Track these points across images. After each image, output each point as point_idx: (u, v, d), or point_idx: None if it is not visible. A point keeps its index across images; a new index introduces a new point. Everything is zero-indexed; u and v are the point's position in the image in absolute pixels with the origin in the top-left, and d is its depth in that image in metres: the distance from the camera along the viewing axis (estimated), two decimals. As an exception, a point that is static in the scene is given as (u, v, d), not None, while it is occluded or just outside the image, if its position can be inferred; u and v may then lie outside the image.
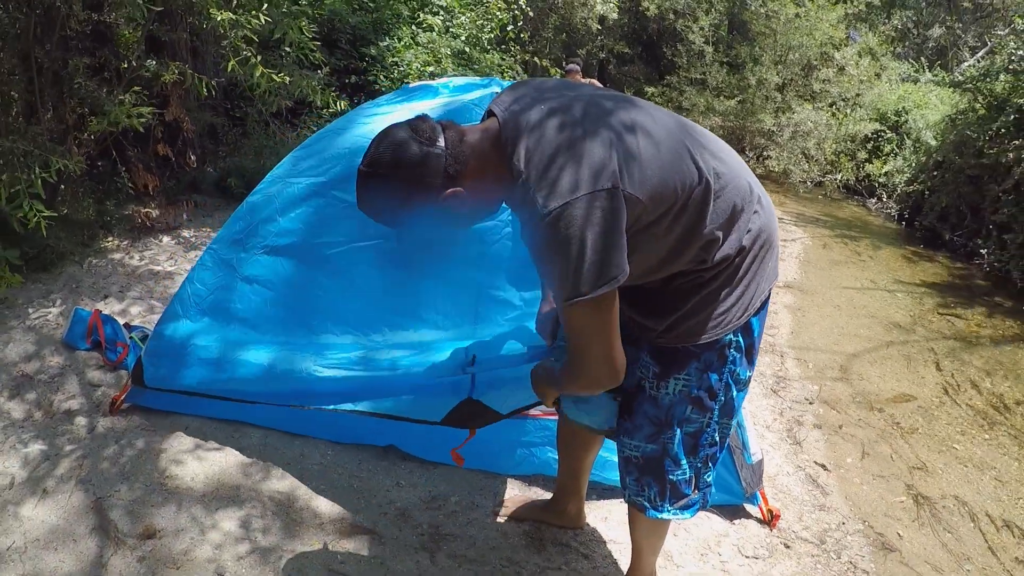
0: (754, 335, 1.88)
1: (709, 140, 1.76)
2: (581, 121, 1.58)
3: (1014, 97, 8.54)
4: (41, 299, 3.89)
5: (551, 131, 1.56)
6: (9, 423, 2.89)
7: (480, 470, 2.93)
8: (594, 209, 1.47)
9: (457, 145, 1.60)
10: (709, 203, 1.65)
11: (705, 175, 1.63)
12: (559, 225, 1.47)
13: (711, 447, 1.96)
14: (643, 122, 1.63)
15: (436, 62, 8.47)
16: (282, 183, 2.82)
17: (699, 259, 1.71)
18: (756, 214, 1.76)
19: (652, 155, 1.58)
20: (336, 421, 2.90)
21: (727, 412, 1.93)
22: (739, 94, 14.18)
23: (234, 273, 2.82)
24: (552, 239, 1.50)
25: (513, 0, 10.16)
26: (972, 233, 9.08)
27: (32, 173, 3.46)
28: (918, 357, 5.67)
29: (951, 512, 3.50)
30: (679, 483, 1.96)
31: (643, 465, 1.98)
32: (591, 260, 1.48)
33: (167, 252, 4.72)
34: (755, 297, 1.81)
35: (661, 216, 1.60)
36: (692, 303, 1.77)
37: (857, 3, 14.68)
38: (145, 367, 2.86)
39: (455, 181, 1.59)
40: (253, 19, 4.09)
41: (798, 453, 3.77)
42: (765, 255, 1.81)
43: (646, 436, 1.94)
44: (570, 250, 1.48)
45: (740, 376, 1.91)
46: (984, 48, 15.66)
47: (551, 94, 1.67)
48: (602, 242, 1.48)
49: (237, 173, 5.82)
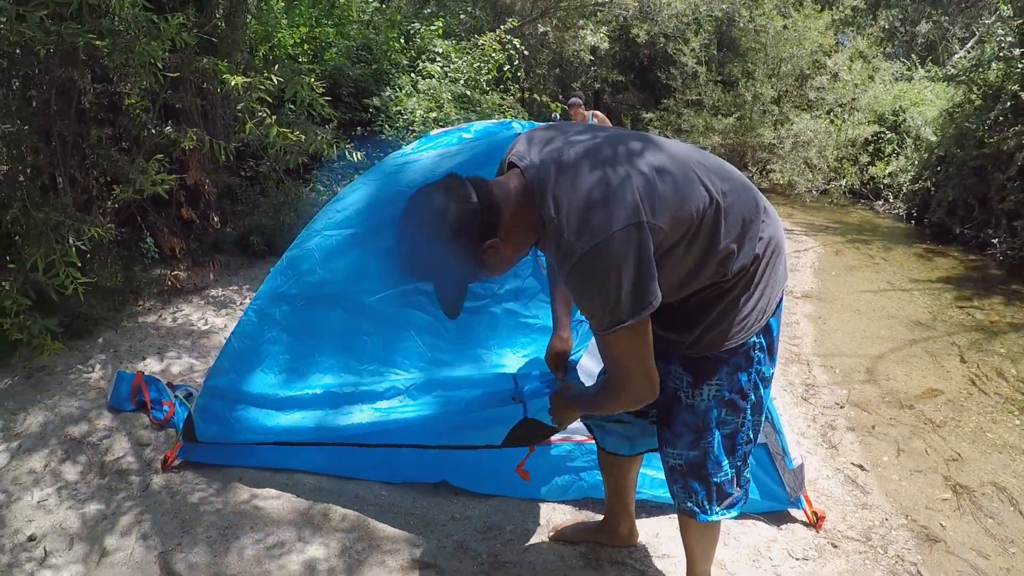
0: (773, 334, 2.00)
1: (714, 163, 1.87)
2: (600, 163, 1.69)
3: (1008, 84, 8.59)
4: (80, 365, 4.01)
5: (574, 177, 1.67)
6: (64, 485, 2.97)
7: (531, 498, 2.99)
8: (625, 244, 1.59)
9: (489, 200, 1.69)
10: (721, 221, 1.76)
11: (715, 196, 1.75)
12: (595, 263, 1.60)
13: (747, 444, 2.07)
14: (656, 156, 1.75)
15: (438, 107, 8.64)
16: (320, 236, 2.92)
17: (719, 273, 1.82)
18: (764, 223, 1.88)
19: (668, 185, 1.69)
20: (388, 461, 2.99)
21: (757, 409, 2.04)
22: (736, 111, 14.30)
23: (278, 325, 2.92)
24: (590, 277, 1.63)
25: (508, 40, 10.33)
26: (982, 224, 9.07)
27: (66, 242, 3.60)
28: (942, 352, 5.68)
29: (990, 499, 3.54)
30: (723, 484, 2.06)
31: (688, 471, 2.07)
32: (627, 291, 1.61)
33: (198, 312, 4.84)
34: (771, 299, 1.93)
35: (680, 239, 1.72)
36: (716, 313, 1.88)
37: (842, 8, 14.83)
38: (196, 423, 2.96)
39: (491, 234, 1.69)
40: (266, 81, 4.24)
41: (835, 456, 3.81)
42: (776, 259, 1.92)
43: (687, 443, 2.04)
44: (608, 285, 1.61)
45: (765, 374, 2.01)
46: (973, 38, 15.76)
47: (564, 140, 1.78)
48: (636, 273, 1.61)
49: (257, 231, 5.96)
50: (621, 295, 1.62)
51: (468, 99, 9.27)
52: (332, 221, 2.91)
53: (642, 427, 2.28)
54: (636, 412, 2.23)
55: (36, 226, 3.68)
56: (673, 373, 2.02)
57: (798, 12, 14.08)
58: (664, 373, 1.95)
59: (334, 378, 2.87)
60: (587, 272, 1.62)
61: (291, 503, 2.90)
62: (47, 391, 3.71)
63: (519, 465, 2.63)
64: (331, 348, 2.91)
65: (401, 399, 2.69)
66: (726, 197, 1.78)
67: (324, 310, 2.91)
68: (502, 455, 2.92)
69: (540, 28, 13.90)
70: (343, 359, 2.89)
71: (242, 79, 4.10)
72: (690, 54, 14.97)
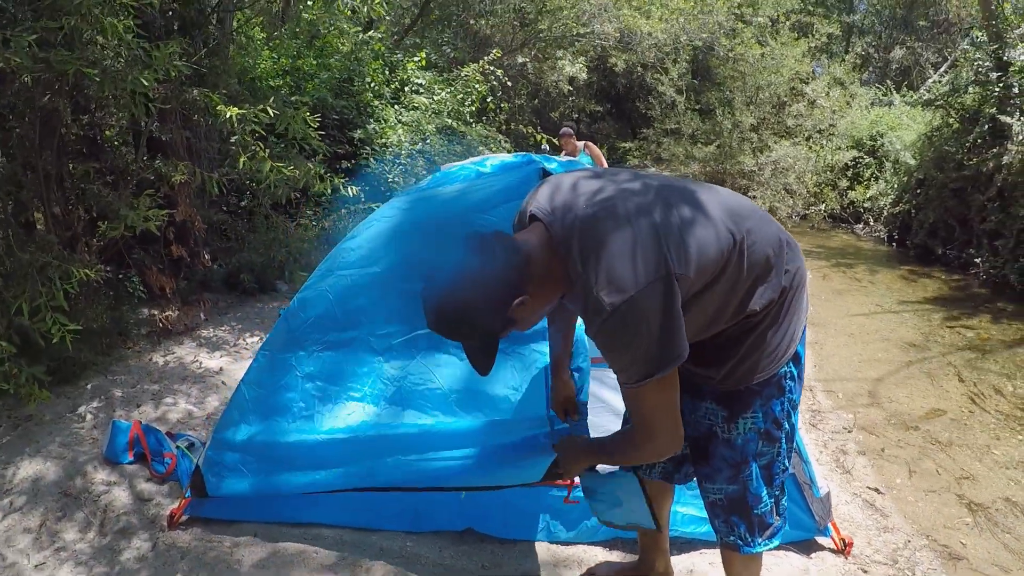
0: (801, 361, 2.01)
1: (733, 201, 1.86)
2: (624, 213, 1.67)
3: (986, 108, 8.76)
4: (70, 414, 3.81)
5: (599, 230, 1.64)
6: (62, 546, 2.78)
7: (560, 542, 2.90)
8: (654, 297, 1.59)
9: (515, 255, 1.64)
10: (744, 261, 1.75)
11: (736, 237, 1.74)
12: (625, 319, 1.59)
13: (783, 473, 2.07)
14: (678, 202, 1.74)
15: (422, 139, 8.60)
16: (333, 276, 2.79)
17: (743, 311, 1.81)
18: (790, 255, 1.87)
19: (692, 232, 1.68)
20: (410, 509, 2.87)
21: (790, 437, 2.04)
22: (715, 139, 14.44)
23: (293, 371, 2.76)
24: (620, 331, 1.61)
25: (490, 71, 10.36)
26: (963, 244, 9.24)
27: (53, 285, 3.44)
28: (938, 372, 5.78)
29: (1004, 514, 3.63)
30: (764, 515, 2.05)
31: (728, 506, 2.06)
32: (657, 344, 1.61)
33: (191, 354, 4.66)
34: (798, 328, 1.93)
35: (705, 284, 1.71)
36: (746, 346, 1.87)
37: (818, 36, 15.08)
38: (206, 477, 2.80)
39: (520, 290, 1.64)
40: (261, 113, 4.14)
41: (850, 481, 3.84)
42: (800, 289, 1.91)
43: (726, 478, 2.03)
44: (638, 339, 1.61)
45: (795, 401, 2.03)
46: (945, 63, 16.10)
47: (584, 189, 1.76)
48: (665, 326, 1.61)
49: (246, 269, 5.82)
50: (651, 348, 1.62)
51: (453, 131, 9.25)
52: (346, 260, 2.78)
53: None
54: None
55: (21, 267, 3.51)
56: (707, 409, 2.02)
57: (775, 40, 14.29)
58: (697, 410, 2.01)
59: (359, 425, 2.69)
60: (617, 327, 1.61)
61: (315, 559, 2.74)
62: (36, 442, 3.50)
63: (566, 498, 2.57)
64: (353, 394, 2.73)
65: (434, 444, 2.56)
66: (749, 235, 1.77)
67: (343, 354, 2.75)
68: (527, 500, 2.85)
69: (519, 59, 13.99)
70: (367, 405, 2.71)
71: (236, 111, 4.00)
72: (668, 83, 15.11)
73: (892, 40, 19.63)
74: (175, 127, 4.94)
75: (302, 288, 2.83)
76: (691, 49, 15.15)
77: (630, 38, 14.33)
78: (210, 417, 3.87)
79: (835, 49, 18.01)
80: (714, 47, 15.12)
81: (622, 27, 14.02)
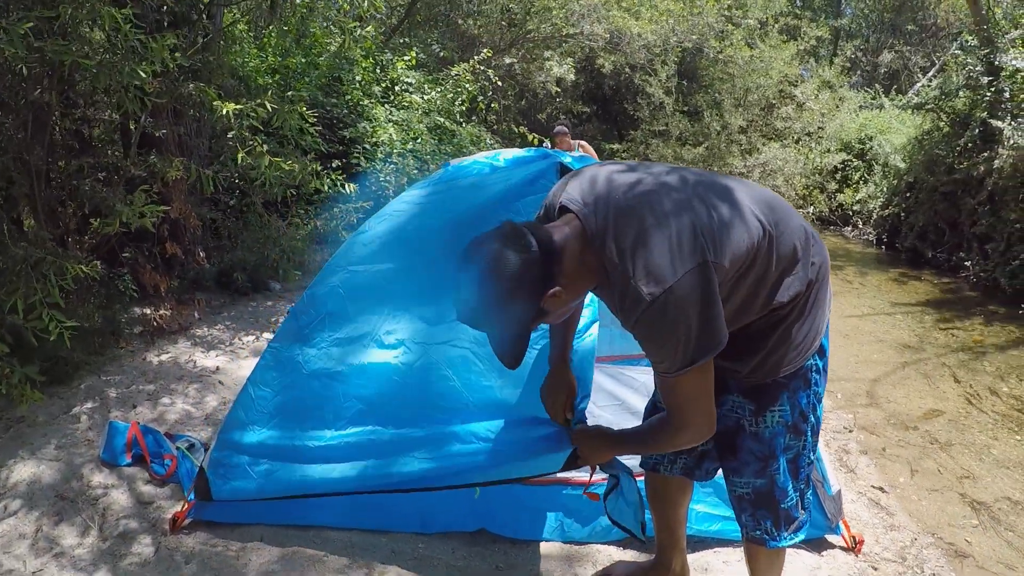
0: (826, 354, 2.01)
1: (761, 194, 1.87)
2: (661, 206, 1.67)
3: (976, 111, 8.82)
4: (64, 414, 3.69)
5: (634, 220, 1.65)
6: (60, 551, 2.68)
7: (573, 541, 2.85)
8: (693, 286, 1.59)
9: (549, 246, 1.63)
10: (773, 252, 1.76)
11: (767, 227, 1.76)
12: (665, 308, 1.59)
13: (808, 466, 2.07)
14: (713, 194, 1.75)
15: (413, 139, 8.55)
16: (345, 272, 2.72)
17: (770, 304, 1.81)
18: (815, 248, 1.89)
19: (725, 222, 1.69)
20: (420, 511, 2.80)
21: (816, 430, 2.04)
22: (704, 140, 14.47)
23: (301, 370, 2.69)
24: (659, 321, 1.61)
25: (481, 71, 10.32)
26: (953, 248, 9.30)
27: (48, 282, 3.35)
28: (934, 373, 5.85)
29: (1007, 512, 3.69)
30: (790, 508, 2.05)
31: (755, 500, 2.06)
32: (697, 332, 1.62)
33: (186, 354, 4.55)
34: (823, 321, 1.95)
35: (736, 273, 1.72)
36: (774, 340, 1.87)
37: (807, 39, 15.15)
38: (211, 479, 2.71)
39: (552, 281, 1.63)
40: (259, 108, 4.06)
41: (854, 480, 3.87)
42: (824, 282, 1.93)
43: (754, 472, 2.03)
44: (678, 329, 1.61)
45: (820, 394, 2.03)
46: (933, 68, 16.22)
47: (615, 180, 1.76)
48: (705, 313, 1.61)
49: (239, 267, 5.73)
50: (692, 337, 1.62)
51: (444, 130, 9.20)
52: (358, 255, 2.72)
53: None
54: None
55: (15, 263, 3.41)
56: (734, 403, 2.02)
57: (764, 42, 14.34)
58: (724, 403, 2.02)
59: (372, 424, 2.62)
60: (657, 317, 1.60)
61: (325, 563, 2.65)
62: (30, 444, 3.38)
63: (585, 489, 2.48)
64: (364, 392, 2.66)
65: (450, 442, 2.49)
66: (777, 227, 1.78)
67: (355, 352, 2.68)
68: (539, 499, 2.82)
69: (507, 60, 13.95)
70: (379, 403, 2.64)
71: (234, 106, 3.91)
72: (657, 85, 15.11)
73: (880, 44, 19.76)
74: (167, 123, 4.85)
75: (312, 284, 2.76)
76: (680, 51, 15.16)
77: (619, 39, 14.29)
78: (208, 417, 3.78)
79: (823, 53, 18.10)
80: (703, 48, 15.13)
81: (611, 28, 14.00)
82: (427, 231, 2.62)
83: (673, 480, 2.32)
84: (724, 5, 14.69)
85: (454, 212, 2.62)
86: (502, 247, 1.60)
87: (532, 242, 1.61)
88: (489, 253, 1.61)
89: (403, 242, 2.68)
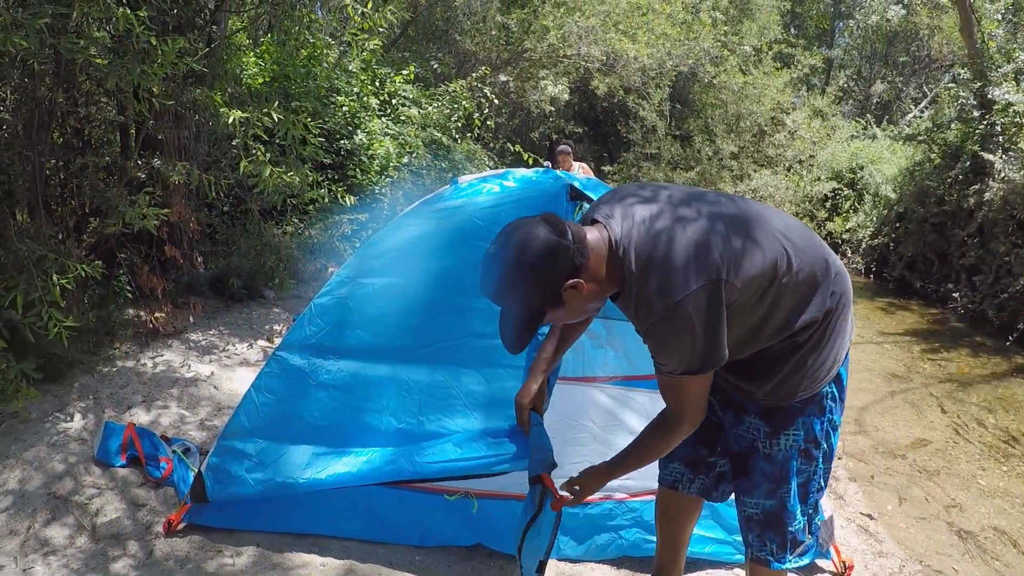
0: (843, 383, 2.05)
1: (786, 222, 1.91)
2: (683, 221, 1.74)
3: (968, 144, 8.91)
4: (58, 412, 3.66)
5: (658, 235, 1.72)
6: (51, 551, 2.66)
7: (569, 559, 2.86)
8: (702, 301, 1.66)
9: (581, 241, 1.72)
10: (791, 277, 1.81)
11: (789, 254, 1.81)
12: (674, 321, 1.67)
13: (818, 492, 2.10)
14: (734, 215, 1.82)
15: (410, 153, 8.58)
16: (353, 284, 2.73)
17: (788, 330, 1.86)
18: (836, 277, 1.92)
19: (747, 244, 1.76)
20: (418, 523, 2.81)
21: (828, 457, 2.07)
22: (696, 165, 14.57)
23: (306, 379, 2.70)
24: (667, 333, 1.71)
25: (478, 87, 10.37)
26: (941, 278, 9.37)
27: (49, 279, 3.34)
28: (922, 403, 5.89)
29: (993, 542, 3.73)
30: (797, 532, 2.08)
31: (764, 521, 2.09)
32: (702, 347, 1.70)
33: (180, 357, 4.53)
34: (841, 350, 1.97)
35: (752, 296, 1.77)
36: (790, 365, 1.91)
37: (800, 67, 15.32)
38: (208, 483, 2.70)
39: (577, 273, 1.70)
40: (265, 117, 4.07)
41: (843, 506, 3.89)
42: (844, 312, 1.96)
43: (765, 493, 2.06)
44: (684, 340, 1.70)
45: (836, 422, 2.06)
46: (925, 99, 16.40)
47: (646, 197, 1.84)
48: (709, 330, 1.69)
49: (235, 273, 5.72)
50: (697, 349, 1.70)
51: (440, 145, 9.23)
52: (368, 268, 2.73)
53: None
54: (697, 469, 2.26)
55: (17, 260, 3.40)
56: (750, 424, 2.06)
57: (757, 69, 14.49)
58: (740, 424, 2.08)
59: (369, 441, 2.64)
60: (666, 328, 1.69)
61: (321, 571, 2.65)
62: (23, 441, 3.35)
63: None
64: (370, 406, 2.67)
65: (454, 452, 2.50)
66: (797, 255, 1.82)
67: (361, 364, 2.69)
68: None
69: (502, 78, 14.01)
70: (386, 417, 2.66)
71: (240, 113, 3.92)
72: (650, 108, 15.20)
73: (873, 74, 19.98)
74: (168, 126, 4.84)
75: (319, 294, 2.77)
76: (674, 75, 15.29)
77: (615, 61, 14.38)
78: (203, 422, 3.76)
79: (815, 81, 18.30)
80: (697, 73, 15.26)
81: (608, 50, 14.09)
82: (437, 248, 2.64)
83: (687, 500, 2.36)
84: (720, 31, 14.85)
85: (464, 231, 2.63)
86: (539, 225, 1.69)
87: (568, 230, 1.70)
88: (526, 228, 1.70)
89: (413, 258, 2.69)
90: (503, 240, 1.71)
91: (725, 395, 2.12)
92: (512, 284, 1.70)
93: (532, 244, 1.67)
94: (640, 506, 2.85)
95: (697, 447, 2.27)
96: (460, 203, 2.72)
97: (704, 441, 2.26)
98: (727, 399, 2.12)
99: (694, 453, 2.27)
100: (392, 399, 2.65)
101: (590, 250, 1.72)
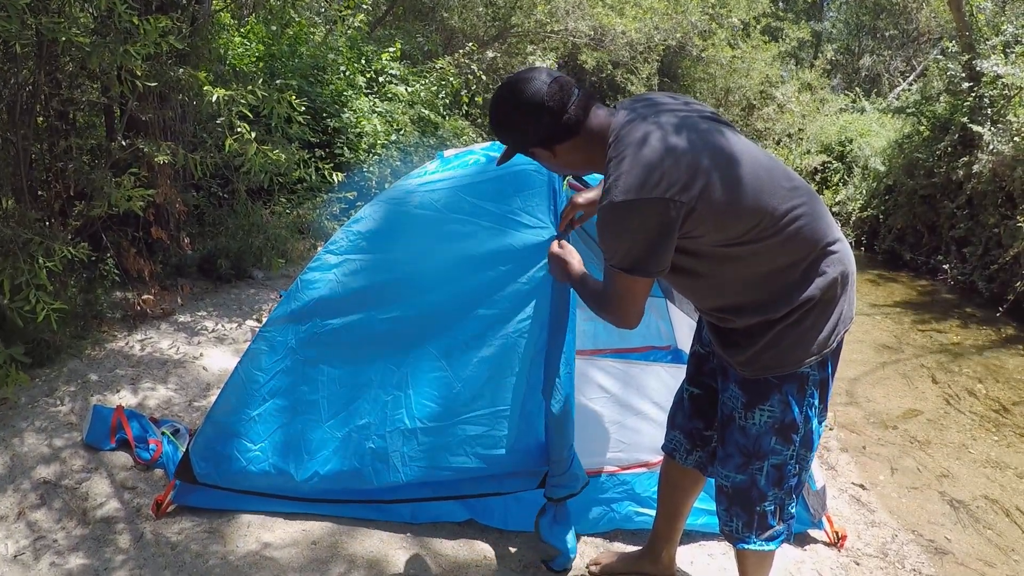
0: (828, 371, 1.99)
1: (791, 179, 1.87)
2: (681, 133, 1.75)
3: (956, 116, 8.90)
4: (46, 397, 3.64)
5: (652, 135, 1.74)
6: (39, 535, 2.64)
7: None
8: (653, 213, 1.69)
9: (587, 105, 1.85)
10: (783, 231, 1.78)
11: (791, 207, 1.79)
12: (623, 215, 1.71)
13: (793, 478, 2.05)
14: (736, 149, 1.79)
15: (397, 131, 8.52)
16: (338, 258, 2.70)
17: (780, 293, 1.84)
18: (835, 254, 1.87)
19: (736, 178, 1.73)
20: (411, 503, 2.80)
21: (806, 444, 2.03)
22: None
23: (294, 354, 2.68)
24: (614, 223, 1.74)
25: (465, 64, 10.28)
26: (931, 251, 9.39)
27: (35, 263, 3.31)
28: (913, 374, 5.91)
29: (985, 511, 3.76)
30: (766, 514, 2.06)
31: (732, 495, 2.08)
32: (639, 251, 1.74)
33: (168, 340, 4.50)
34: (833, 335, 1.91)
35: (736, 236, 1.76)
36: (769, 337, 1.88)
37: (789, 40, 15.26)
38: (195, 463, 2.70)
39: (572, 129, 1.84)
40: (248, 95, 4.02)
41: (836, 477, 3.90)
42: (841, 296, 1.91)
43: (736, 466, 2.04)
44: (623, 237, 1.74)
45: (817, 407, 2.01)
46: (914, 72, 16.37)
47: (666, 106, 1.87)
48: (651, 240, 1.73)
49: (223, 254, 5.68)
50: (632, 251, 1.74)
51: (428, 122, 9.17)
52: (351, 244, 2.69)
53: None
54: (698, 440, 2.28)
55: (3, 244, 3.36)
56: (732, 393, 2.04)
57: (746, 43, 14.42)
58: (725, 390, 2.06)
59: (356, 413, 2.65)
60: (613, 219, 1.73)
61: (310, 550, 2.64)
62: (11, 426, 3.34)
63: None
64: (352, 379, 2.67)
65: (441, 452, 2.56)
66: (796, 213, 1.79)
67: (345, 336, 2.67)
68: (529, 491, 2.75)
69: (489, 54, 13.90)
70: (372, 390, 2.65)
71: (224, 92, 3.87)
72: (638, 82, 15.12)
73: (861, 48, 19.93)
74: (153, 107, 4.78)
75: (305, 269, 2.73)
76: (662, 49, 15.20)
77: (603, 36, 14.28)
78: (192, 403, 3.75)
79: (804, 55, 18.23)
80: (686, 47, 15.17)
81: (596, 24, 13.99)
82: (423, 221, 2.61)
83: (684, 472, 2.36)
84: (708, 4, 14.76)
85: (450, 203, 2.61)
86: (538, 80, 1.82)
87: (570, 93, 1.83)
88: (529, 75, 1.83)
89: (397, 231, 2.66)
90: (511, 78, 1.86)
91: (720, 361, 2.09)
92: (499, 122, 1.90)
93: (523, 90, 1.81)
94: (631, 479, 2.85)
95: (694, 419, 2.28)
96: (445, 176, 2.69)
97: (701, 413, 2.26)
98: (721, 365, 2.09)
99: (691, 425, 2.28)
100: (379, 372, 2.64)
101: (591, 119, 1.84)
